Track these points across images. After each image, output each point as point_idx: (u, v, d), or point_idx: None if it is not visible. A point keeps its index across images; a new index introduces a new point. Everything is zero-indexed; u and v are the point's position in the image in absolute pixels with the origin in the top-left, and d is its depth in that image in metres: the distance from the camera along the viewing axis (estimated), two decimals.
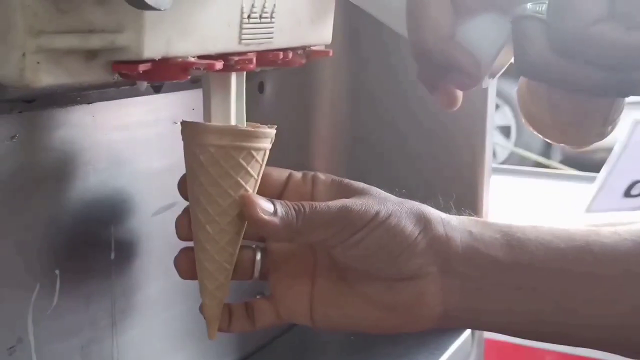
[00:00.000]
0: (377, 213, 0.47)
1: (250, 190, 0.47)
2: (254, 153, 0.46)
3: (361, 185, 0.50)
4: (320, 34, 0.51)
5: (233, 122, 0.47)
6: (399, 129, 0.73)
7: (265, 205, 0.46)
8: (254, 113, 0.61)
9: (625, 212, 1.18)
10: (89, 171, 0.47)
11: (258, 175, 0.47)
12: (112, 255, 0.50)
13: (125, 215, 0.50)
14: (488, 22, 0.39)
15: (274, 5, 0.45)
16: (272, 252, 0.51)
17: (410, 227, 0.48)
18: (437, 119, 0.72)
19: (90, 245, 0.48)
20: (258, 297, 0.51)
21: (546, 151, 3.08)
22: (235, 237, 0.47)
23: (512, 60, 0.40)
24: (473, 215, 0.52)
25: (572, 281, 0.50)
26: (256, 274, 0.50)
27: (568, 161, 2.86)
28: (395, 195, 0.50)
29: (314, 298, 0.50)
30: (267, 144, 0.47)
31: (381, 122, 0.73)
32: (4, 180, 0.42)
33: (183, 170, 0.54)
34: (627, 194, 1.18)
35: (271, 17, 0.45)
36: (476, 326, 0.53)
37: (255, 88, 0.62)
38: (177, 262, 0.49)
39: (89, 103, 0.46)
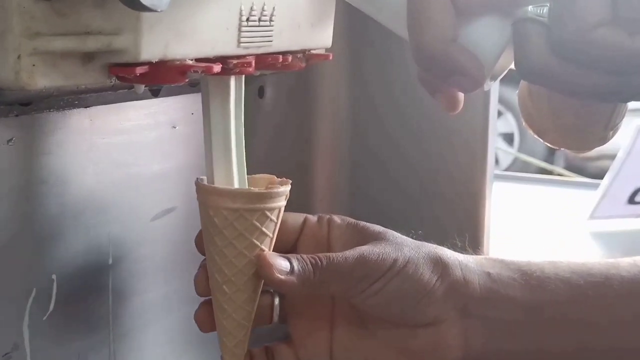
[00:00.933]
0: (395, 261, 0.47)
1: (266, 249, 0.46)
2: (268, 213, 0.46)
3: (377, 228, 0.50)
4: (320, 37, 0.51)
5: (233, 127, 0.46)
6: (400, 134, 0.73)
7: (281, 265, 0.46)
8: (254, 118, 0.61)
9: (629, 219, 1.17)
10: (86, 175, 0.46)
11: (273, 233, 0.47)
12: (110, 260, 0.49)
13: (124, 220, 0.50)
14: (490, 24, 0.39)
15: (274, 8, 0.45)
16: (290, 297, 0.50)
17: (427, 273, 0.48)
18: (438, 125, 0.71)
19: (88, 250, 0.48)
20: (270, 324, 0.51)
21: (549, 157, 3.07)
22: (253, 295, 0.47)
23: (513, 64, 0.39)
24: (480, 253, 0.53)
25: (593, 317, 0.49)
26: (275, 318, 0.50)
27: (572, 167, 2.85)
28: (411, 237, 0.50)
29: (334, 342, 0.50)
30: (281, 202, 0.47)
31: (382, 126, 0.72)
32: (0, 184, 0.41)
33: (181, 175, 0.53)
34: (631, 200, 1.17)
35: (270, 20, 0.45)
36: None
37: (255, 92, 0.62)
38: (197, 317, 0.49)
39: (86, 107, 0.45)
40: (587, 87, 0.36)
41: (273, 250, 0.47)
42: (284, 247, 0.49)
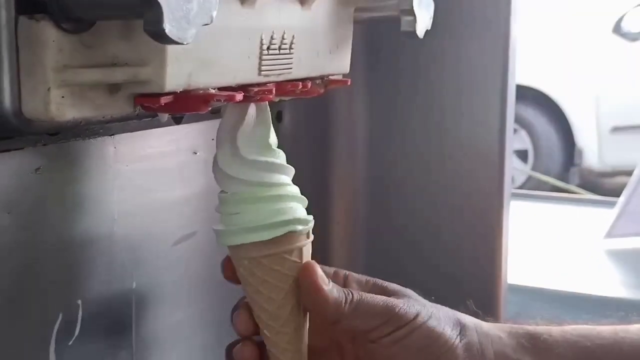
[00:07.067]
0: (419, 313, 0.49)
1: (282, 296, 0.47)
2: (287, 255, 0.47)
3: (396, 287, 0.52)
4: (339, 63, 0.51)
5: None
6: (417, 155, 0.73)
7: (323, 276, 0.47)
8: None
9: None
10: (110, 202, 0.47)
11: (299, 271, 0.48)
12: (134, 285, 0.50)
13: (147, 245, 0.51)
14: None
15: (293, 36, 0.46)
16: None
17: (449, 330, 0.50)
18: (455, 143, 0.71)
19: (112, 275, 0.48)
20: None
21: (564, 175, 3.06)
22: (294, 334, 0.48)
23: None
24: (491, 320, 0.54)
25: None
26: None
27: (586, 185, 2.84)
28: (429, 301, 0.52)
29: None
30: (300, 243, 0.47)
31: (399, 148, 0.73)
32: (28, 212, 0.42)
33: (202, 200, 0.54)
34: None
35: (290, 48, 0.46)
36: None
37: (273, 117, 0.63)
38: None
39: (110, 135, 0.46)
40: None
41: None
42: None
